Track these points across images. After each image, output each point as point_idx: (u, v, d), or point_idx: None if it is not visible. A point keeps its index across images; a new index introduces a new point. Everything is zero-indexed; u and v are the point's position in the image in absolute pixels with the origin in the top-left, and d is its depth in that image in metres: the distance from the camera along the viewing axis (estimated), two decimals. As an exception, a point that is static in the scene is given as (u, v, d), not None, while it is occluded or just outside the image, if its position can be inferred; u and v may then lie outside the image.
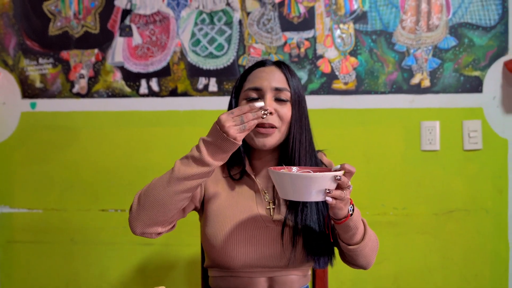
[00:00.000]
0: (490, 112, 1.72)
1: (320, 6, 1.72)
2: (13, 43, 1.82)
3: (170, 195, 0.87)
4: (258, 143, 0.99)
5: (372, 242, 0.99)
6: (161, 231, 0.93)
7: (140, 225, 0.91)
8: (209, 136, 0.86)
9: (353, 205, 0.90)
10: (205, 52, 1.76)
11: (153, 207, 0.88)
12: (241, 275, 1.01)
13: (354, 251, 0.95)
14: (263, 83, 1.00)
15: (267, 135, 0.98)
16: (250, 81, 1.03)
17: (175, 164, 0.89)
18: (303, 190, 0.79)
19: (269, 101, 0.98)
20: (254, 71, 1.04)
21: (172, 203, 0.88)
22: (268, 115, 0.93)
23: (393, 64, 1.73)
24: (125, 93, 1.80)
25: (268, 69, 1.03)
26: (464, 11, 1.70)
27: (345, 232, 0.91)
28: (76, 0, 1.79)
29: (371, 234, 1.00)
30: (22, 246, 1.84)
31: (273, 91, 1.00)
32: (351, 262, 1.02)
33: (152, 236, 0.93)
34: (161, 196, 0.87)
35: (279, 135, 1.01)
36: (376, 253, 1.02)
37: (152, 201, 0.88)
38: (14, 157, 1.84)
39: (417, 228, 1.74)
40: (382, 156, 1.74)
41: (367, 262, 1.00)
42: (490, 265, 1.73)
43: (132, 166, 1.80)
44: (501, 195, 1.72)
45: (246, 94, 1.02)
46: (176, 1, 1.76)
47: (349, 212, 0.88)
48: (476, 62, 1.71)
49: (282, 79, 1.01)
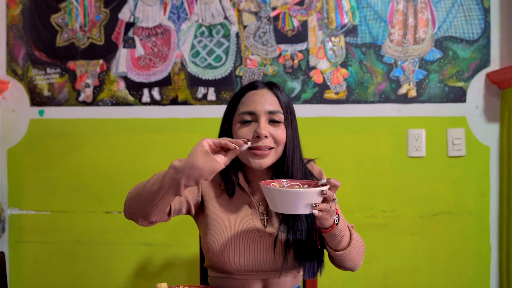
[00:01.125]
0: (473, 120, 1.76)
1: (313, 20, 1.78)
2: (22, 53, 1.86)
3: (145, 192, 0.94)
4: (254, 165, 1.01)
5: (358, 247, 1.03)
6: (142, 223, 1.00)
7: (127, 212, 1.01)
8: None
9: (338, 215, 0.94)
10: (204, 63, 1.81)
11: (134, 199, 0.98)
12: (237, 278, 1.08)
13: (341, 256, 0.99)
14: (257, 107, 1.01)
15: (263, 156, 1.00)
16: (244, 104, 1.04)
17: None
18: (291, 204, 0.83)
19: (264, 124, 1.00)
20: (247, 94, 1.05)
21: (145, 202, 0.94)
22: (263, 139, 0.98)
23: (381, 75, 1.78)
24: (128, 101, 1.84)
25: (261, 92, 1.04)
26: (448, 25, 1.76)
27: (331, 239, 0.96)
28: (82, 13, 1.84)
29: (357, 240, 1.03)
30: (30, 246, 1.87)
31: (267, 114, 1.01)
32: (339, 265, 1.06)
33: (138, 223, 1.01)
34: (140, 191, 0.96)
35: (275, 156, 1.03)
36: (363, 256, 1.06)
37: (134, 194, 0.98)
38: (23, 161, 1.87)
39: (404, 230, 1.78)
40: (371, 161, 1.79)
41: (354, 265, 1.04)
42: (473, 265, 1.77)
43: (135, 171, 1.83)
44: (483, 199, 1.77)
45: (240, 117, 1.03)
46: (177, 14, 1.81)
47: (335, 222, 0.91)
48: (460, 74, 1.76)
49: (274, 101, 1.03)
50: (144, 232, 1.83)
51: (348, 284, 1.79)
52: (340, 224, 0.94)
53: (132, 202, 0.99)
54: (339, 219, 0.94)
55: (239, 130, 1.03)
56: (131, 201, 0.99)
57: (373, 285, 1.79)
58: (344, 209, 1.74)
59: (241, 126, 1.03)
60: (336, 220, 0.92)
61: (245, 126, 1.03)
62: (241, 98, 1.06)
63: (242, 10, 1.79)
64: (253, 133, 1.01)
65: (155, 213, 0.96)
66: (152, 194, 0.92)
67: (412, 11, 1.76)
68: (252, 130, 1.01)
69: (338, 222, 0.93)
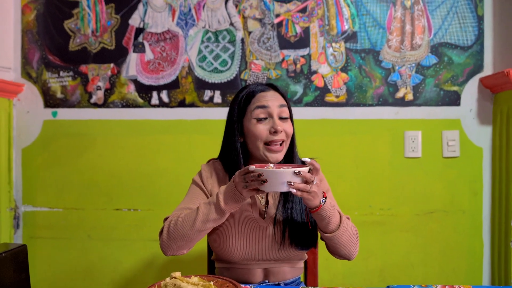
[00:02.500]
0: (467, 123, 1.82)
1: (315, 26, 1.84)
2: (36, 57, 1.93)
3: (194, 232, 1.06)
4: (272, 159, 1.12)
5: (350, 233, 1.10)
6: (186, 252, 1.12)
7: (170, 252, 1.11)
8: (226, 188, 1.04)
9: (325, 198, 1.03)
10: (211, 67, 1.88)
11: (181, 240, 1.08)
12: (241, 267, 1.18)
13: (331, 239, 1.08)
14: (269, 103, 1.13)
15: (278, 151, 1.13)
16: (256, 104, 1.14)
17: (200, 207, 1.07)
18: (271, 182, 0.94)
19: (277, 120, 1.12)
20: (257, 95, 1.15)
21: (195, 237, 1.08)
22: (279, 133, 1.11)
23: (380, 79, 1.84)
24: (138, 103, 1.90)
25: (269, 93, 1.16)
26: (444, 32, 1.82)
27: (320, 220, 1.05)
28: (94, 19, 1.90)
29: (348, 225, 1.10)
30: (43, 241, 1.92)
31: (278, 109, 1.13)
32: (334, 252, 1.15)
33: (179, 255, 1.13)
34: (187, 233, 1.07)
35: (285, 149, 1.16)
36: (357, 245, 1.13)
37: (180, 235, 1.07)
38: (37, 160, 1.93)
39: (401, 227, 1.83)
40: (370, 162, 1.84)
41: (348, 251, 1.12)
42: (466, 260, 1.82)
43: (144, 170, 1.89)
44: (476, 198, 1.83)
45: (256, 114, 1.13)
46: (185, 20, 1.88)
47: (321, 203, 1.01)
48: (455, 78, 1.82)
49: (281, 98, 1.16)
50: (152, 229, 1.90)
51: (348, 279, 1.85)
52: (327, 206, 1.03)
53: (176, 242, 1.09)
54: (325, 201, 1.03)
55: (256, 127, 1.13)
56: (174, 242, 1.09)
57: (371, 279, 1.85)
58: (343, 207, 1.78)
59: (257, 123, 1.13)
60: (323, 202, 1.02)
61: (261, 123, 1.13)
62: (251, 99, 1.16)
63: (247, 16, 1.86)
64: (269, 129, 1.12)
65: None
66: (201, 224, 1.05)
67: (409, 18, 1.83)
68: (268, 126, 1.13)
69: (325, 204, 1.02)
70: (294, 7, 1.85)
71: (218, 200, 1.03)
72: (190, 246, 1.10)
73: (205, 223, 1.05)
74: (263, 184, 0.95)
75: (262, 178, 0.94)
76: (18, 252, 1.14)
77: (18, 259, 1.14)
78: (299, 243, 1.14)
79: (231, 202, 1.02)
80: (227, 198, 1.02)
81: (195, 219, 1.06)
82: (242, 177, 0.99)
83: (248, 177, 0.97)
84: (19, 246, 1.14)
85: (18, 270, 1.14)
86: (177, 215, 1.10)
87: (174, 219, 1.09)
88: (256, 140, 1.13)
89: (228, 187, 1.03)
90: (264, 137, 1.12)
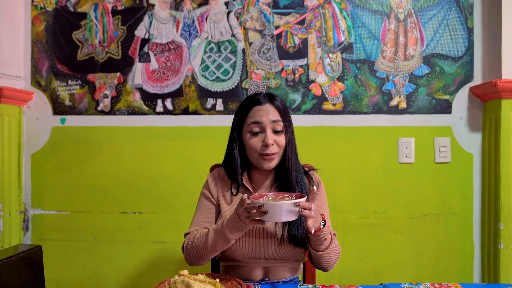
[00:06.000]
0: (458, 130, 1.88)
1: (312, 38, 1.91)
2: (45, 66, 1.99)
3: (207, 253, 1.18)
4: (264, 166, 1.21)
5: (335, 251, 1.19)
6: (207, 262, 1.24)
7: (193, 264, 1.24)
8: (230, 218, 1.11)
9: (325, 221, 1.11)
10: (213, 76, 1.94)
11: (198, 257, 1.21)
12: (243, 265, 1.25)
13: (319, 256, 1.17)
14: (263, 118, 1.20)
15: (271, 160, 1.21)
16: (251, 117, 1.22)
17: (209, 234, 1.16)
18: (272, 213, 0.99)
19: (270, 134, 1.19)
20: (254, 108, 1.22)
21: (210, 255, 1.19)
22: (270, 146, 1.18)
23: (374, 88, 1.90)
24: (143, 111, 1.96)
25: (265, 107, 1.22)
26: (436, 43, 1.89)
27: (315, 240, 1.13)
28: (101, 30, 1.97)
29: (336, 245, 1.19)
30: (52, 243, 1.97)
31: (271, 124, 1.20)
32: (315, 264, 1.23)
33: (202, 265, 1.25)
34: (201, 254, 1.19)
35: (278, 158, 1.23)
36: (337, 260, 1.23)
37: (196, 254, 1.20)
38: (46, 165, 1.98)
39: (395, 229, 1.88)
40: (365, 167, 1.89)
41: (327, 266, 1.21)
42: (458, 261, 1.87)
43: (149, 175, 1.94)
44: (467, 202, 1.88)
45: (250, 128, 1.21)
46: (188, 32, 1.95)
47: (320, 226, 1.09)
48: (446, 87, 1.88)
49: (276, 113, 1.21)
50: (157, 231, 1.95)
51: (344, 279, 1.90)
52: (325, 229, 1.12)
53: (194, 257, 1.22)
54: (325, 224, 1.11)
55: (250, 140, 1.22)
56: (193, 257, 1.22)
57: (367, 279, 1.90)
58: (340, 211, 1.88)
59: (251, 137, 1.22)
60: (322, 225, 1.10)
61: (254, 137, 1.22)
62: (248, 112, 1.24)
63: (248, 28, 1.93)
64: (261, 142, 1.20)
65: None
66: (211, 247, 1.16)
67: (402, 30, 1.90)
68: (260, 140, 1.21)
69: (324, 228, 1.11)
70: (293, 19, 1.92)
71: (224, 230, 1.11)
72: (208, 259, 1.22)
73: (214, 247, 1.15)
74: (264, 215, 1.01)
75: (262, 209, 1.00)
76: (34, 252, 1.22)
77: (33, 259, 1.21)
78: (298, 242, 1.21)
79: (236, 231, 1.10)
80: (232, 228, 1.10)
81: (206, 243, 1.16)
82: (244, 209, 1.05)
83: (249, 208, 1.03)
84: (35, 247, 1.22)
85: (33, 270, 1.22)
86: (192, 236, 1.21)
87: (190, 240, 1.21)
88: (251, 151, 1.22)
89: (232, 217, 1.10)
90: (258, 150, 1.20)
